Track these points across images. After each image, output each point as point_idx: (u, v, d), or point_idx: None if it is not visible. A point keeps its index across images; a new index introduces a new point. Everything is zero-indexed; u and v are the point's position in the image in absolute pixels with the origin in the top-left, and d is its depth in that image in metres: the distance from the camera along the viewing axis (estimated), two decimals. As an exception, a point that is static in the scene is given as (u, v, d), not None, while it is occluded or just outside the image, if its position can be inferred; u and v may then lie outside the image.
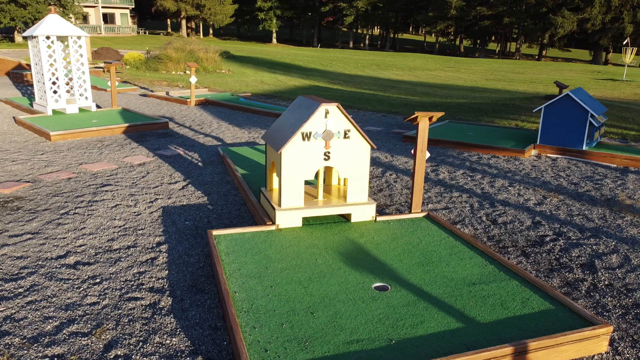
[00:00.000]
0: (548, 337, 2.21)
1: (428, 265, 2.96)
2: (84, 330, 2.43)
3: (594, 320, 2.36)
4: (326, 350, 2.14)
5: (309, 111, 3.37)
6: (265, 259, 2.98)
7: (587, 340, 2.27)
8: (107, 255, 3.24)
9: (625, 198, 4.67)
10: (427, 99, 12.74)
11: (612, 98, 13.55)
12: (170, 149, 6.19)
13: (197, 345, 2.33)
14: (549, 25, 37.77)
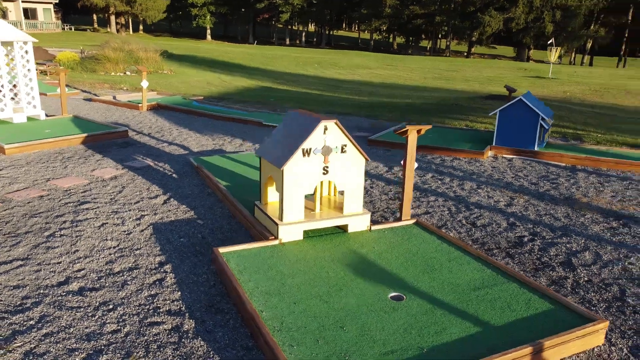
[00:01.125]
0: (557, 335, 2.47)
1: (432, 273, 3.16)
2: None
3: (591, 317, 2.65)
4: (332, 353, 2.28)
5: (308, 127, 3.47)
6: (278, 275, 3.06)
7: (589, 336, 2.56)
8: (112, 279, 3.19)
9: (581, 196, 5.13)
10: (376, 100, 13.10)
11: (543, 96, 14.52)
12: (138, 160, 6.05)
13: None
14: (478, 24, 39.67)
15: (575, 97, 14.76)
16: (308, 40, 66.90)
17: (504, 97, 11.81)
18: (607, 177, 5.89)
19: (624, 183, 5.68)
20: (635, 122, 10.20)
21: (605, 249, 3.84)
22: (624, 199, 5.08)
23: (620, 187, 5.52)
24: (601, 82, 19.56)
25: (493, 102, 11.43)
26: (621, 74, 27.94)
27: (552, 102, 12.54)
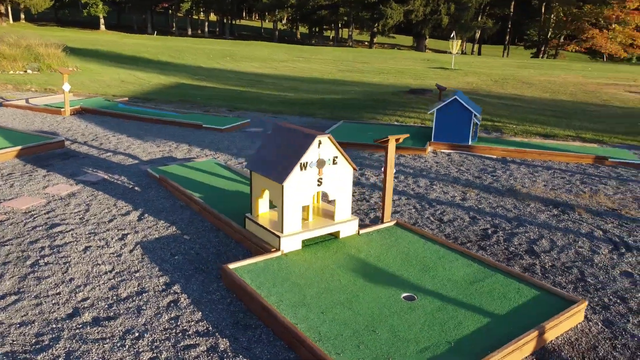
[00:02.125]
0: (554, 318, 2.91)
1: (429, 271, 3.50)
2: (168, 388, 2.47)
3: (573, 299, 3.13)
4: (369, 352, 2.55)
5: (303, 143, 3.64)
6: (296, 287, 3.23)
7: (574, 315, 3.03)
8: (124, 306, 3.16)
9: (520, 187, 5.79)
10: (303, 96, 13.33)
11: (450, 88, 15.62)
12: (89, 174, 5.78)
13: (286, 380, 2.55)
14: (380, 15, 41.23)
15: (481, 88, 16.07)
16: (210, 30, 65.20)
17: (424, 92, 12.60)
18: (534, 168, 6.65)
19: (549, 172, 6.47)
20: (540, 112, 11.42)
21: (556, 235, 4.44)
22: (554, 188, 5.81)
23: (547, 176, 6.28)
24: (498, 73, 21.37)
25: (416, 97, 12.15)
26: (511, 63, 30.62)
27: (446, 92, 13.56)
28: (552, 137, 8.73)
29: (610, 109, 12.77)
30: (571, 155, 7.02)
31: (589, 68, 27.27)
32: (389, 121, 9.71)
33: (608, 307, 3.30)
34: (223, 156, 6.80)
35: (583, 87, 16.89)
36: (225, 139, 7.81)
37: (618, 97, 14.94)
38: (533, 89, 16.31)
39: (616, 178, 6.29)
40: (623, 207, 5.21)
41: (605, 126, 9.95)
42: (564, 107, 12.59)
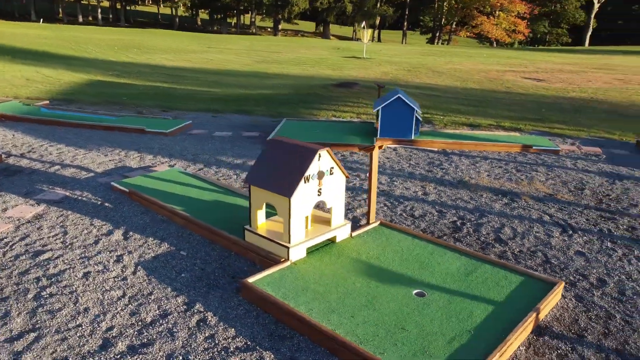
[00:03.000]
0: (544, 299, 3.43)
1: (428, 267, 3.90)
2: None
3: (553, 281, 3.69)
4: (445, 352, 2.91)
5: (305, 157, 3.84)
6: (318, 294, 3.46)
7: (557, 295, 3.59)
8: (154, 330, 3.20)
9: (469, 179, 6.41)
10: (231, 92, 13.24)
11: (371, 79, 16.33)
12: (47, 192, 5.49)
13: (339, 383, 2.80)
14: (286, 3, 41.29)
15: (399, 78, 16.93)
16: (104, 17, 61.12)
17: (352, 85, 13.07)
18: (473, 158, 7.35)
19: (487, 162, 7.19)
20: (459, 102, 12.37)
21: (514, 222, 5.06)
22: (496, 177, 6.51)
23: (487, 166, 6.99)
24: (409, 61, 22.54)
25: (345, 90, 12.59)
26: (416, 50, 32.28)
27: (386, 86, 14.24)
28: (477, 126, 9.58)
29: (514, 96, 14.12)
30: (501, 145, 7.83)
31: (484, 54, 29.56)
32: (327, 117, 10.05)
33: (574, 284, 3.92)
34: (180, 163, 6.73)
35: (486, 75, 18.41)
36: (174, 144, 7.68)
37: (518, 84, 16.51)
38: (444, 77, 17.49)
39: (542, 164, 7.16)
40: (557, 192, 6.00)
41: (516, 114, 11.07)
42: (476, 96, 13.72)
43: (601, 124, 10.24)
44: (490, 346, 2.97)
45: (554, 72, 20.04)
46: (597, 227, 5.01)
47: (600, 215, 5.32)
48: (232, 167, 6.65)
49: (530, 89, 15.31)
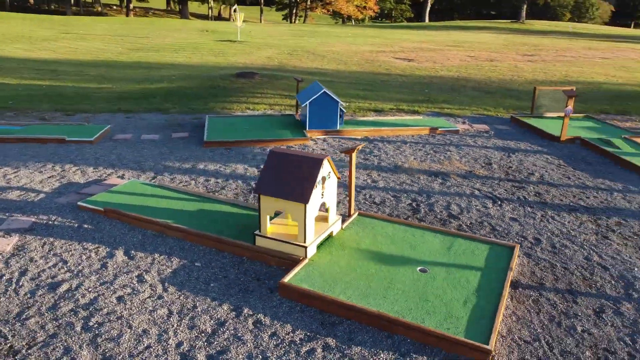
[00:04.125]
0: (512, 260, 4.46)
1: (416, 247, 4.72)
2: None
3: (512, 245, 4.75)
4: (465, 313, 3.75)
5: (313, 166, 4.37)
6: (347, 284, 4.08)
7: (516, 255, 4.65)
8: (221, 338, 3.56)
9: (401, 163, 7.37)
10: (131, 87, 12.71)
11: (257, 66, 16.70)
12: (8, 220, 5.21)
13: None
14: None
15: (283, 63, 17.49)
16: None
17: (253, 75, 13.36)
18: (395, 143, 8.36)
19: (407, 146, 8.24)
20: (352, 87, 13.38)
21: (455, 199, 6.12)
22: (422, 159, 7.57)
23: (409, 150, 8.04)
24: (284, 44, 23.13)
25: (247, 81, 12.85)
26: (284, 31, 32.88)
27: (275, 72, 14.78)
28: (381, 111, 10.67)
29: (396, 77, 15.61)
30: (414, 129, 8.96)
31: (349, 34, 31.27)
32: (242, 110, 10.35)
33: (520, 245, 5.05)
34: (129, 173, 6.68)
35: (363, 57, 19.82)
36: (107, 152, 7.49)
37: (393, 65, 18.13)
38: (327, 61, 18.48)
39: (450, 144, 8.43)
40: (473, 169, 7.24)
41: (407, 96, 12.43)
42: (364, 79, 14.91)
43: (475, 102, 12.01)
44: (492, 303, 3.89)
45: (418, 51, 22.21)
46: (515, 195, 6.30)
47: (513, 185, 6.65)
48: (184, 172, 6.79)
49: (406, 70, 16.98)
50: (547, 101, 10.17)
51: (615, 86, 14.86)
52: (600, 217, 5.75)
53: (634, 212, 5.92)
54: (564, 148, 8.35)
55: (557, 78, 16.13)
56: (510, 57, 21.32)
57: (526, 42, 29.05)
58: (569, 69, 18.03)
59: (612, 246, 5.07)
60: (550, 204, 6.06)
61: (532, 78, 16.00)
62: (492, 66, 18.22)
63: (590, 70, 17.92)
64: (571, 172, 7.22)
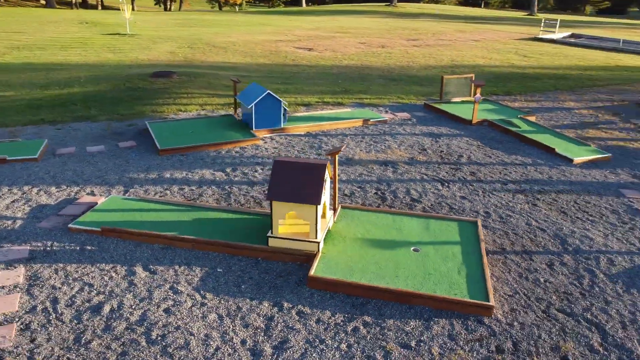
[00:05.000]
0: (480, 232, 5.49)
1: (401, 230, 5.55)
2: None
3: (475, 220, 5.79)
4: (463, 280, 4.67)
5: (319, 171, 4.96)
6: (361, 271, 4.78)
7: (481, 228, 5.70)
8: (276, 331, 4.09)
9: (351, 155, 8.16)
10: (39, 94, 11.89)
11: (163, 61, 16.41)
12: (4, 250, 5.10)
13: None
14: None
15: (189, 58, 17.30)
16: None
17: (170, 74, 13.21)
18: (337, 137, 9.11)
19: (348, 138, 9.05)
20: (273, 81, 13.82)
21: (411, 185, 7.06)
22: (367, 150, 8.43)
23: (352, 142, 8.85)
24: (178, 36, 22.60)
25: (167, 81, 12.69)
26: (169, 20, 31.77)
27: (192, 70, 14.72)
28: (309, 105, 11.34)
29: (305, 68, 16.30)
30: (349, 122, 9.78)
31: (240, 23, 31.18)
32: (173, 113, 10.38)
33: (476, 217, 6.13)
34: (97, 189, 6.67)
35: (265, 47, 20.19)
36: (60, 170, 7.29)
37: (297, 55, 18.79)
38: (231, 54, 18.58)
39: (384, 134, 9.40)
40: (413, 155, 8.27)
41: (326, 87, 13.22)
42: (276, 72, 15.40)
43: (387, 90, 13.18)
44: (479, 269, 4.86)
45: (313, 40, 23.07)
46: (456, 176, 7.42)
47: (451, 167, 7.78)
48: (154, 183, 6.92)
49: (312, 60, 17.75)
50: (452, 88, 11.60)
51: (494, 68, 17.04)
52: (525, 188, 7.08)
53: (546, 181, 7.35)
54: (477, 130, 9.75)
55: (446, 63, 18.01)
56: (398, 42, 23.08)
57: (405, 26, 31.35)
58: (452, 53, 20.12)
59: (542, 212, 6.37)
60: (485, 181, 7.27)
61: (425, 63, 17.69)
62: (387, 53, 19.69)
63: (470, 53, 20.19)
64: (489, 151, 8.57)
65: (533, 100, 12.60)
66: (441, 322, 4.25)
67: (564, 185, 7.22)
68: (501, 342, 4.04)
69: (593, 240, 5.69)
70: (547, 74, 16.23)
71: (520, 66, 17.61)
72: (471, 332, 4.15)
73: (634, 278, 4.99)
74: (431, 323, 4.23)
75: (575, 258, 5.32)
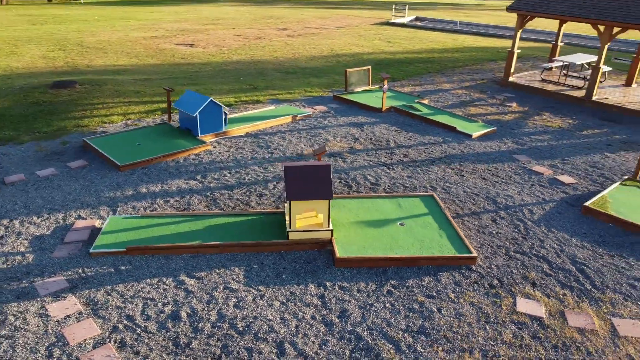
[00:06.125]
0: (445, 205, 6.98)
1: (382, 211, 6.79)
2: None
3: (430, 195, 7.26)
4: (450, 242, 6.10)
5: (326, 171, 5.96)
6: (371, 246, 5.94)
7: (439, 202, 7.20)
8: (336, 309, 5.10)
9: (301, 151, 9.15)
10: None
11: (43, 69, 15.40)
12: (38, 284, 5.24)
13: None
14: None
15: (72, 63, 16.34)
16: None
17: (71, 84, 12.62)
18: (275, 135, 9.98)
19: (286, 134, 9.98)
20: (175, 83, 13.92)
21: (365, 172, 8.32)
22: (311, 145, 9.48)
23: (292, 138, 9.81)
24: (39, 37, 20.80)
25: (70, 92, 12.11)
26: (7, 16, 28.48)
27: (91, 77, 14.14)
28: (231, 105, 11.93)
29: (201, 67, 16.49)
30: (281, 119, 10.67)
31: (95, 17, 29.16)
32: (99, 125, 10.27)
33: (452, 200, 7.62)
34: (83, 212, 6.80)
35: (145, 46, 19.66)
36: (25, 198, 7.15)
37: (183, 52, 18.73)
38: (114, 55, 17.87)
39: (316, 128, 10.51)
40: (351, 145, 9.54)
41: (233, 86, 13.78)
42: (175, 73, 15.42)
43: (291, 84, 14.20)
44: (453, 231, 6.34)
45: (188, 34, 22.91)
46: (394, 159, 8.88)
47: (385, 152, 9.21)
48: (136, 199, 7.21)
49: (203, 57, 17.91)
50: (355, 79, 13.08)
51: (371, 56, 18.96)
52: (449, 163, 8.80)
53: (460, 155, 9.17)
54: (388, 116, 11.35)
55: (327, 53, 19.49)
56: (272, 33, 24.01)
57: (268, 14, 32.26)
58: (328, 42, 21.69)
59: (470, 180, 8.12)
60: (418, 161, 8.84)
61: (309, 54, 18.96)
62: (269, 45, 20.55)
63: (342, 42, 21.96)
64: (407, 134, 10.21)
65: (415, 84, 14.66)
66: (445, 274, 5.63)
67: (474, 157, 9.11)
68: (490, 280, 5.56)
69: (513, 198, 7.55)
70: (415, 58, 18.62)
71: (390, 52, 19.83)
72: (467, 277, 5.60)
73: (550, 220, 6.90)
74: (439, 277, 5.59)
75: (507, 213, 7.10)
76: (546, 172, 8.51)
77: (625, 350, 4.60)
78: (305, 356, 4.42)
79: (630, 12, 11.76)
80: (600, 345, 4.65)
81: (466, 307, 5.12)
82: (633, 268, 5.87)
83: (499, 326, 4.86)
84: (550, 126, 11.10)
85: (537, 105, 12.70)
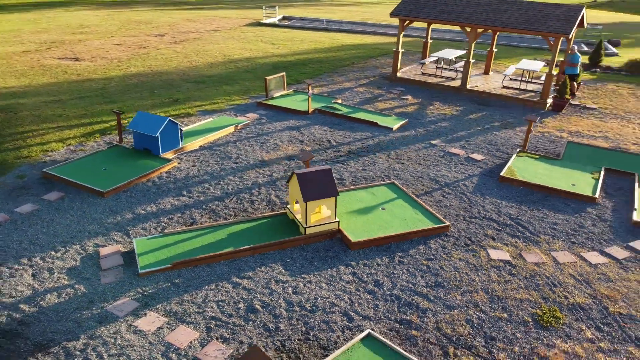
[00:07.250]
0: (403, 189, 8.68)
1: (363, 200, 8.26)
2: None
3: (392, 182, 8.92)
4: (424, 218, 7.80)
5: (329, 174, 7.25)
6: (370, 229, 7.38)
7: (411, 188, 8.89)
8: (367, 280, 6.48)
9: (262, 158, 10.16)
10: None
11: None
12: (113, 306, 5.76)
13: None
14: None
15: (-47, 88, 14.85)
16: None
17: (-16, 114, 11.80)
18: (230, 145, 10.80)
19: (238, 143, 10.87)
20: (106, 101, 13.67)
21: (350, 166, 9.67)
22: (265, 151, 10.52)
23: (245, 146, 10.73)
24: None
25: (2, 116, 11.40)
26: None
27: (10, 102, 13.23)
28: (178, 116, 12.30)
29: (103, 82, 16.12)
30: (225, 130, 11.45)
31: None
32: (43, 152, 10.14)
33: (407, 184, 9.26)
34: (99, 240, 7.16)
35: (27, 63, 18.31)
36: (24, 236, 7.24)
37: (73, 68, 17.92)
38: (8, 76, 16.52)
39: (260, 135, 11.52)
40: (301, 147, 10.78)
41: (155, 101, 13.99)
42: (90, 91, 14.97)
43: (208, 94, 14.83)
44: (423, 208, 8.07)
45: (62, 46, 21.63)
46: (343, 155, 10.35)
47: (333, 150, 10.64)
48: (139, 221, 7.71)
49: (97, 72, 17.36)
50: (273, 85, 14.23)
51: (262, 59, 20.05)
52: (387, 154, 10.56)
53: (391, 146, 11.00)
54: (315, 118, 12.77)
55: (222, 59, 20.10)
56: (152, 40, 23.69)
57: (135, 19, 31.23)
58: (217, 47, 22.20)
59: (410, 166, 9.96)
60: (362, 155, 10.45)
61: (206, 62, 19.41)
62: (160, 55, 20.45)
63: (230, 46, 22.64)
64: (340, 132, 11.76)
65: (319, 85, 16.25)
66: (432, 242, 7.33)
67: (403, 146, 11.00)
68: (464, 241, 7.39)
69: (448, 176, 9.56)
70: (305, 59, 20.21)
71: (280, 54, 21.15)
72: (447, 241, 7.37)
73: (481, 189, 9.02)
74: (429, 244, 7.27)
75: (450, 189, 9.07)
76: (461, 153, 10.72)
77: (567, 271, 6.73)
78: (369, 318, 5.75)
79: (489, 17, 14.68)
80: (552, 272, 6.72)
81: (458, 263, 6.86)
82: (548, 216, 8.17)
83: (485, 271, 6.69)
84: (445, 113, 13.52)
85: (426, 97, 15.14)
